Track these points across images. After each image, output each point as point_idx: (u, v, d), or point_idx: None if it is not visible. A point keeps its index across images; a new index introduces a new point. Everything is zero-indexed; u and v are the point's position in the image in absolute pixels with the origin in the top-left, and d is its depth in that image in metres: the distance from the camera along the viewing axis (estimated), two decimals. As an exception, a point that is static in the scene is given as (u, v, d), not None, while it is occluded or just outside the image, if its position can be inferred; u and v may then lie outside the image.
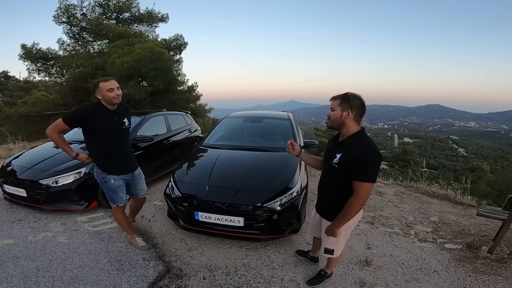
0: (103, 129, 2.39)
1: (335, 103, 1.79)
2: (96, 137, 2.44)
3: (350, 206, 1.77)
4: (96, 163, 2.53)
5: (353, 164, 1.71)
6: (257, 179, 2.93)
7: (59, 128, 2.39)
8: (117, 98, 2.39)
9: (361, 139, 1.77)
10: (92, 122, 2.35)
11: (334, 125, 1.82)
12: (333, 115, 1.79)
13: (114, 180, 2.54)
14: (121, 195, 2.63)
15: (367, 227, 3.45)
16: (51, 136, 2.42)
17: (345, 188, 1.79)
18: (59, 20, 10.17)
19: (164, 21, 11.86)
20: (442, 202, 4.53)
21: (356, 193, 1.73)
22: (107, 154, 2.48)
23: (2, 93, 32.07)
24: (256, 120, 4.65)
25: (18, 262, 2.57)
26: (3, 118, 10.81)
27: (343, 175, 1.78)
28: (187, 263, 2.66)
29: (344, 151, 1.78)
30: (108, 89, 2.34)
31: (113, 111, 2.45)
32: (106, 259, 2.65)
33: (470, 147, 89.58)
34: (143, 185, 2.83)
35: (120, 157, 2.54)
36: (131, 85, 9.18)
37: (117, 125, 2.48)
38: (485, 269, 2.64)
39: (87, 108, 2.45)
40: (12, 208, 3.74)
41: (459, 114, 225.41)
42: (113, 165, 2.52)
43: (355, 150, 1.72)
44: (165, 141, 5.05)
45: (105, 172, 2.51)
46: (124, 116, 2.54)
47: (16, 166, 3.74)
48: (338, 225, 1.87)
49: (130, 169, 2.65)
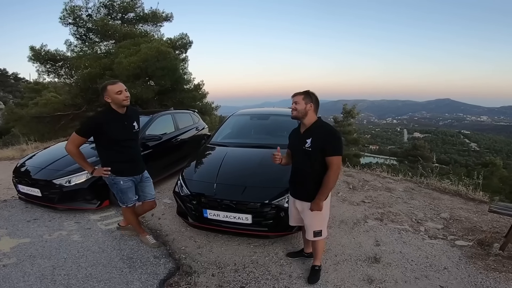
0: (115, 134, 2.44)
1: (299, 97, 2.16)
2: (107, 142, 2.48)
3: (328, 179, 2.08)
4: (106, 166, 2.56)
5: (324, 144, 2.08)
6: (265, 176, 2.95)
7: (77, 142, 2.43)
8: (126, 100, 2.43)
9: (323, 124, 2.18)
10: (104, 128, 2.40)
11: (299, 115, 2.17)
12: (299, 107, 2.15)
13: (124, 181, 2.59)
14: (130, 196, 2.68)
15: (376, 224, 3.44)
16: (71, 152, 2.45)
17: (320, 167, 2.13)
18: (66, 21, 10.26)
19: (169, 20, 11.89)
20: (453, 198, 4.46)
21: (331, 166, 2.07)
22: (117, 157, 2.53)
23: (13, 94, 32.85)
24: (263, 117, 4.65)
25: (35, 261, 2.66)
26: (15, 119, 11.04)
27: (317, 155, 2.11)
28: (197, 260, 2.70)
29: (313, 136, 2.12)
30: (116, 92, 2.38)
31: (123, 115, 2.50)
32: (118, 257, 2.72)
33: (482, 141, 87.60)
34: (151, 188, 2.87)
35: (130, 160, 2.60)
36: (139, 84, 9.29)
37: (127, 129, 2.53)
38: (497, 266, 2.60)
39: (98, 116, 2.51)
40: (27, 207, 3.86)
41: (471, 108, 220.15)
42: (123, 167, 2.57)
43: (323, 133, 2.11)
44: (173, 140, 5.11)
45: (114, 174, 2.56)
46: (133, 120, 2.59)
47: (30, 167, 3.86)
48: (322, 198, 2.14)
49: (139, 171, 2.70)
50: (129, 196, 2.66)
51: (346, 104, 21.90)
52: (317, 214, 2.22)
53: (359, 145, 21.89)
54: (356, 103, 24.38)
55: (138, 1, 11.06)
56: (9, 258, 2.69)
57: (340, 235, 3.15)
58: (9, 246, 2.91)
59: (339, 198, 4.25)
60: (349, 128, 20.56)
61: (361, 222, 3.47)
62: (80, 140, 2.41)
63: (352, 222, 3.48)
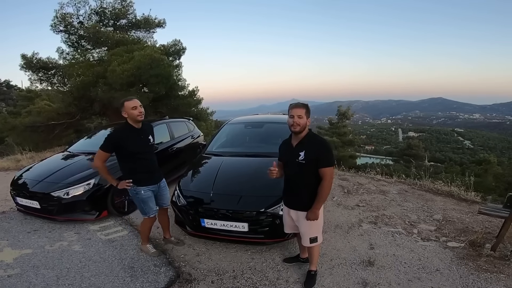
0: (132, 148, 2.66)
1: (302, 111, 2.18)
2: (127, 155, 2.70)
3: (323, 189, 2.16)
4: (127, 178, 2.74)
5: (317, 156, 2.14)
6: (260, 185, 3.01)
7: (102, 158, 2.65)
8: (140, 115, 2.64)
9: (315, 137, 2.25)
10: (123, 143, 2.63)
11: (302, 130, 2.19)
12: (302, 122, 2.17)
13: (144, 191, 2.76)
14: (151, 206, 2.82)
15: (370, 227, 3.52)
16: (98, 167, 2.68)
17: (313, 178, 2.20)
18: (57, 29, 10.16)
19: (161, 26, 11.85)
20: (446, 199, 4.54)
21: (325, 177, 2.15)
22: (136, 168, 2.73)
23: (5, 102, 32.43)
24: (257, 125, 4.70)
25: (39, 271, 2.71)
26: (9, 129, 10.94)
27: (311, 167, 2.17)
28: (196, 267, 2.76)
29: (305, 149, 2.18)
30: (132, 107, 2.60)
31: (139, 130, 2.71)
32: (119, 266, 2.77)
33: (476, 139, 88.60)
34: (168, 196, 3.02)
35: (147, 170, 2.78)
36: (133, 92, 9.25)
37: (143, 142, 2.75)
38: (488, 267, 2.66)
39: (117, 132, 2.76)
40: (27, 219, 3.89)
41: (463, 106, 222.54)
42: (141, 177, 2.75)
43: (315, 145, 2.18)
44: (169, 149, 5.16)
45: (135, 185, 2.73)
46: (148, 134, 2.81)
47: (28, 179, 3.89)
48: (318, 207, 2.22)
49: (156, 180, 2.86)
50: (150, 205, 2.81)
51: (340, 106, 22.06)
52: (313, 221, 2.28)
53: (355, 146, 22.06)
54: (350, 104, 24.59)
55: (130, 8, 10.98)
56: (13, 269, 2.74)
57: (335, 240, 3.23)
58: (12, 257, 2.96)
59: (334, 203, 4.32)
60: (344, 129, 20.72)
61: (356, 226, 3.55)
62: (105, 155, 2.65)
63: (347, 226, 3.55)
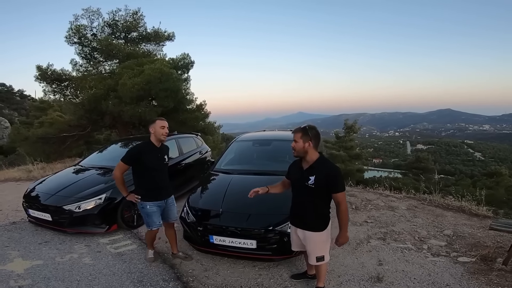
0: (149, 164, 2.84)
1: (297, 135, 2.22)
2: (142, 170, 2.88)
3: (342, 214, 2.19)
4: (137, 192, 2.91)
5: (328, 182, 2.16)
6: (268, 203, 3.04)
7: (122, 169, 2.85)
8: (165, 135, 2.88)
9: (325, 162, 2.25)
10: (142, 158, 2.82)
11: (300, 154, 2.26)
12: (297, 146, 2.23)
13: (150, 206, 2.89)
14: (155, 220, 2.93)
15: (379, 244, 3.49)
16: (116, 177, 2.86)
17: (321, 201, 2.25)
18: (71, 40, 10.46)
19: (171, 39, 12.11)
20: (457, 214, 4.48)
21: (340, 202, 2.18)
22: (147, 184, 2.89)
23: (18, 112, 33.37)
24: (265, 143, 4.74)
25: (50, 283, 2.75)
26: (21, 140, 11.18)
27: (319, 191, 2.21)
28: (204, 283, 2.77)
29: (316, 174, 2.19)
30: (161, 126, 2.85)
31: (158, 148, 2.91)
32: (129, 280, 2.80)
33: (486, 150, 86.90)
34: (174, 212, 3.14)
35: (158, 187, 2.93)
36: (143, 105, 9.48)
37: (160, 161, 2.93)
38: (499, 281, 2.63)
39: (139, 147, 2.94)
40: (37, 230, 3.97)
41: (472, 117, 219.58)
42: (150, 193, 2.89)
43: (326, 172, 2.18)
44: (177, 165, 5.21)
45: (143, 200, 2.88)
46: (165, 153, 3.02)
47: (41, 193, 4.00)
48: (345, 230, 2.26)
49: (163, 197, 2.98)
50: (154, 220, 2.92)
51: (347, 120, 22.04)
52: (319, 240, 2.31)
53: (362, 159, 21.85)
54: (357, 117, 24.55)
55: (140, 21, 11.32)
56: (24, 280, 2.79)
57: (343, 256, 3.20)
58: (22, 267, 3.01)
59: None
60: (351, 143, 20.60)
61: (364, 242, 3.52)
62: (124, 167, 2.85)
63: (355, 242, 3.52)
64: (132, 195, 2.90)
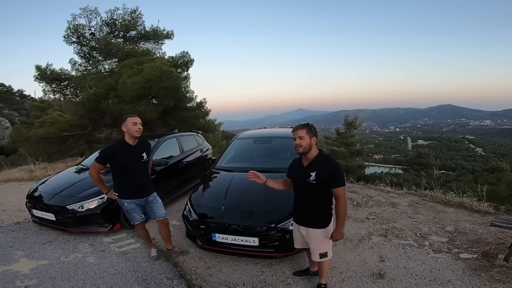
0: (124, 163, 2.83)
1: (302, 132, 2.22)
2: (118, 169, 2.89)
3: (341, 209, 2.20)
4: (115, 189, 2.95)
5: (329, 177, 2.18)
6: (270, 201, 3.06)
7: (97, 168, 2.87)
8: (138, 131, 2.81)
9: (326, 158, 2.29)
10: (116, 158, 2.82)
11: (306, 150, 2.23)
12: (304, 142, 2.21)
13: (128, 203, 2.93)
14: (135, 216, 3.00)
15: (380, 240, 3.50)
16: (92, 176, 2.89)
17: (322, 197, 2.27)
18: (70, 40, 10.41)
19: (170, 38, 12.01)
20: (458, 210, 4.49)
21: (340, 197, 2.19)
22: (125, 182, 2.90)
23: (18, 112, 33.32)
24: (266, 140, 4.76)
25: (55, 282, 2.79)
26: (22, 140, 11.15)
27: (321, 187, 2.23)
28: (207, 280, 2.79)
29: (317, 170, 2.21)
30: (133, 122, 2.79)
31: (133, 147, 2.86)
32: (133, 279, 2.83)
33: (487, 146, 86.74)
34: (159, 209, 3.10)
35: (136, 185, 2.92)
36: (143, 104, 9.47)
37: (136, 159, 2.88)
38: (501, 278, 2.64)
39: (112, 147, 2.95)
40: (41, 230, 3.99)
41: (473, 113, 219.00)
42: (127, 191, 2.91)
43: (327, 167, 2.21)
44: (179, 163, 5.23)
45: (120, 197, 2.92)
46: (143, 151, 2.95)
47: (44, 192, 4.02)
48: (342, 227, 2.25)
49: (143, 195, 2.98)
50: (133, 215, 2.99)
51: (347, 116, 22.02)
52: (322, 237, 2.32)
53: (363, 156, 21.86)
54: (357, 113, 24.51)
55: (139, 19, 11.24)
56: (30, 279, 2.82)
57: (345, 253, 3.23)
58: (28, 267, 3.04)
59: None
60: (351, 139, 20.60)
61: (366, 239, 3.54)
62: (99, 166, 2.86)
63: (356, 239, 3.54)
64: (111, 192, 2.94)
